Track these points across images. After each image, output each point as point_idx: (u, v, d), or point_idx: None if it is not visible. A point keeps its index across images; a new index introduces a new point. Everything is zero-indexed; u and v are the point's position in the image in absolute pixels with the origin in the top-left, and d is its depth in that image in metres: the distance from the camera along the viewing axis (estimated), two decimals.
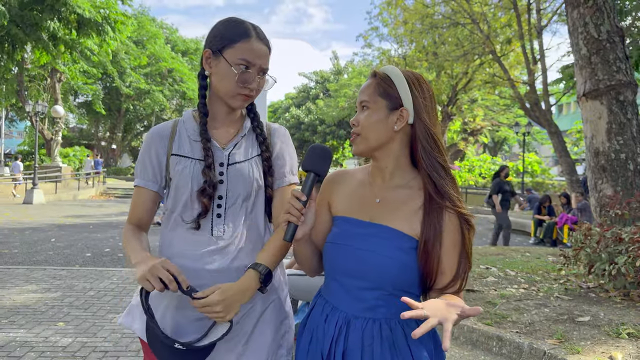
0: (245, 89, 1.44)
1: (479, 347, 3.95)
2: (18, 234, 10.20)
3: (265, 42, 1.47)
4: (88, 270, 6.82)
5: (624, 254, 4.63)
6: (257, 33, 1.46)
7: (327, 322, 1.36)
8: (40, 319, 4.54)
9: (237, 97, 1.45)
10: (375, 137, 1.33)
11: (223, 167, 1.47)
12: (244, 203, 1.48)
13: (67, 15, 17.46)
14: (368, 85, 1.36)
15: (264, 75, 1.48)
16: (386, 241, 1.29)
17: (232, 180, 1.47)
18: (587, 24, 5.94)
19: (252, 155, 1.52)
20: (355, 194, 1.41)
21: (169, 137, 1.52)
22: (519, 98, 14.74)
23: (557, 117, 38.42)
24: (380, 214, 1.33)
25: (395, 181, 1.36)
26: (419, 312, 1.02)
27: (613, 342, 3.62)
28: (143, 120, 42.26)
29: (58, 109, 22.04)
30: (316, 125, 39.38)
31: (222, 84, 1.45)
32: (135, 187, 1.55)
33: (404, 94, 1.32)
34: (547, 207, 12.44)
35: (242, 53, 1.42)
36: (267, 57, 1.47)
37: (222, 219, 1.47)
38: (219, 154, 1.49)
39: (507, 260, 6.95)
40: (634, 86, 5.87)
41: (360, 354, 1.29)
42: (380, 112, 1.32)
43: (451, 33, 18.50)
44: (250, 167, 1.49)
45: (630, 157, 5.72)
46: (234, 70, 1.41)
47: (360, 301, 1.31)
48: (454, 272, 1.28)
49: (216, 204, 1.46)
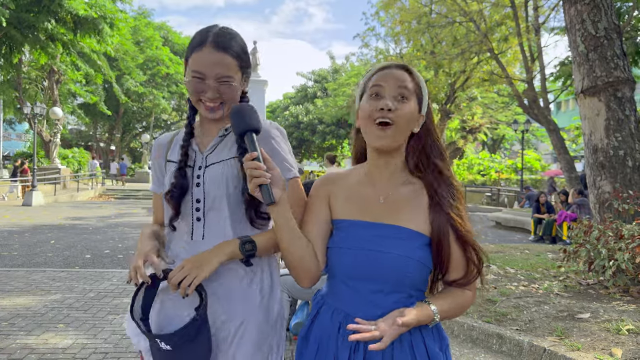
0: (204, 98, 1.42)
1: (479, 345, 3.95)
2: (17, 236, 10.19)
3: (225, 49, 1.40)
4: (88, 271, 6.81)
5: (623, 251, 4.63)
6: (214, 42, 1.40)
7: (341, 331, 1.30)
8: (40, 321, 4.54)
9: (200, 106, 1.45)
10: (406, 132, 1.31)
11: (200, 170, 1.47)
12: (221, 205, 1.43)
13: (64, 16, 17.45)
14: (404, 78, 1.30)
15: (229, 83, 1.41)
16: (402, 241, 1.26)
17: (207, 182, 1.45)
18: (585, 21, 5.95)
19: (229, 157, 1.47)
20: (355, 195, 1.36)
21: (166, 145, 1.58)
22: (518, 96, 14.74)
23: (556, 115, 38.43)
24: (386, 213, 1.31)
25: (399, 179, 1.34)
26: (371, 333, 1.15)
27: (613, 338, 3.63)
28: (142, 121, 42.21)
29: (56, 110, 22.01)
30: (315, 125, 39.36)
31: (188, 91, 1.48)
32: (153, 193, 1.63)
33: (425, 100, 1.34)
34: (545, 204, 12.45)
35: (194, 64, 1.41)
36: (227, 66, 1.40)
37: (202, 223, 1.45)
38: (199, 157, 1.49)
39: (506, 258, 6.95)
40: (632, 83, 5.88)
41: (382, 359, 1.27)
42: (414, 108, 1.30)
43: (448, 32, 18.50)
44: (223, 169, 1.45)
45: (629, 153, 5.73)
46: (189, 81, 1.43)
47: (376, 307, 1.26)
48: (461, 266, 1.29)
49: (194, 207, 1.45)
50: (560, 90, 15.05)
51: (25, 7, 16.92)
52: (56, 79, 24.04)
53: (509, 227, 14.30)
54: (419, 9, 19.09)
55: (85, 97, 28.30)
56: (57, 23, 17.49)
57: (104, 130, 42.54)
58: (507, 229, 14.14)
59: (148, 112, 39.30)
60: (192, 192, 1.45)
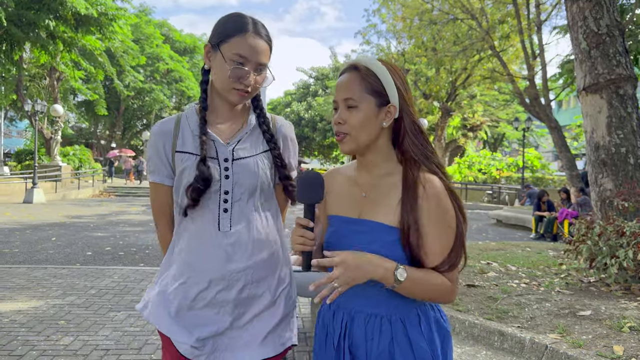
0: (239, 85, 1.42)
1: (481, 342, 3.94)
2: (19, 233, 10.20)
3: (265, 37, 1.44)
4: (89, 268, 6.82)
5: (625, 248, 4.63)
6: (255, 28, 1.43)
7: (334, 317, 1.38)
8: (42, 318, 4.54)
9: (232, 92, 1.44)
10: (365, 137, 1.30)
11: (228, 163, 1.47)
12: (250, 198, 1.48)
13: (65, 13, 17.43)
14: (351, 81, 1.30)
15: (263, 71, 1.45)
16: (371, 235, 1.28)
17: (238, 175, 1.46)
18: (587, 18, 5.93)
19: (259, 152, 1.51)
20: (344, 191, 1.41)
21: (172, 133, 1.51)
22: (519, 93, 14.71)
23: (557, 112, 38.42)
24: (367, 208, 1.34)
25: (379, 171, 1.35)
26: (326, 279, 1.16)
27: (615, 335, 3.62)
28: (142, 118, 42.22)
29: (57, 108, 22.00)
30: (316, 122, 39.37)
31: (217, 78, 1.45)
32: (151, 183, 1.54)
33: (390, 89, 1.29)
34: (546, 202, 12.44)
35: (237, 48, 1.40)
36: (265, 53, 1.44)
37: (229, 214, 1.46)
38: (223, 149, 1.48)
39: (508, 256, 6.95)
40: (634, 80, 5.86)
41: (365, 349, 1.31)
42: (368, 110, 1.28)
43: (450, 29, 18.48)
44: (256, 163, 1.48)
45: (631, 151, 5.71)
46: (227, 65, 1.40)
47: (362, 297, 1.32)
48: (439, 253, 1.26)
49: (222, 199, 1.46)
50: (562, 87, 15.01)
51: (26, 5, 16.91)
52: (57, 77, 24.04)
53: (510, 225, 14.29)
54: (421, 5, 19.05)
55: (87, 94, 28.30)
56: (58, 21, 17.47)
57: (105, 127, 42.55)
58: (508, 227, 14.13)
59: (149, 110, 39.30)
60: (220, 184, 1.46)
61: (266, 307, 1.50)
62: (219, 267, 1.44)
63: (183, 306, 1.46)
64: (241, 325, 1.47)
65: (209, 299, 1.45)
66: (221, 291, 1.44)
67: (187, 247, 1.47)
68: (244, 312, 1.47)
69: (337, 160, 44.62)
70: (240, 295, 1.46)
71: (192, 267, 1.46)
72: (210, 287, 1.44)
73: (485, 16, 16.42)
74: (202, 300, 1.45)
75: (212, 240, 1.45)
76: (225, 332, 1.46)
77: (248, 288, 1.46)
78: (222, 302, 1.45)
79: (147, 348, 3.88)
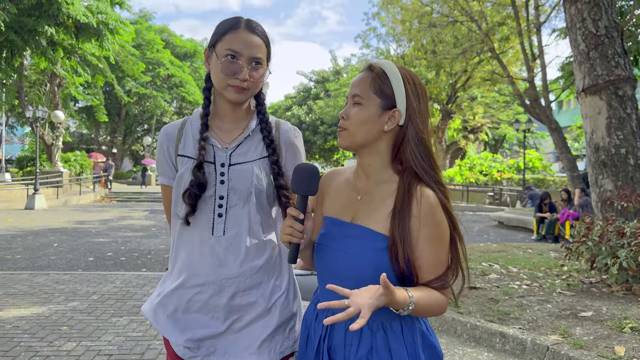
0: (234, 80, 1.42)
1: (482, 344, 3.95)
2: (21, 240, 10.22)
3: (259, 33, 1.45)
4: (91, 274, 6.83)
5: (625, 248, 4.63)
6: (247, 24, 1.45)
7: (317, 320, 1.37)
8: (44, 324, 4.55)
9: (228, 89, 1.44)
10: (363, 135, 1.30)
11: (224, 168, 1.47)
12: (246, 204, 1.47)
13: (65, 20, 17.48)
14: (363, 79, 1.31)
15: (258, 66, 1.44)
16: (359, 241, 1.27)
17: (234, 180, 1.46)
18: (585, 19, 5.95)
19: (257, 157, 1.50)
20: (341, 193, 1.40)
21: (176, 136, 1.53)
22: (519, 95, 14.73)
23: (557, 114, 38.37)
24: (361, 212, 1.32)
25: (377, 178, 1.33)
26: (346, 312, 1.05)
27: (616, 336, 3.63)
28: (143, 123, 42.29)
29: (58, 114, 22.07)
30: (317, 125, 39.39)
31: (214, 78, 1.46)
32: (161, 186, 1.57)
33: (399, 94, 1.28)
34: (548, 204, 12.43)
35: (229, 44, 1.41)
36: (259, 48, 1.44)
37: (223, 219, 1.47)
38: (220, 154, 1.48)
39: (509, 257, 6.95)
40: (633, 81, 5.87)
41: (343, 354, 1.29)
42: (372, 110, 1.28)
43: (449, 31, 18.52)
44: (252, 169, 1.48)
45: (631, 151, 5.73)
46: (219, 61, 1.42)
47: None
48: (432, 268, 1.24)
49: (217, 204, 1.47)
50: (562, 89, 15.03)
51: (26, 12, 16.95)
52: (58, 83, 24.10)
53: (511, 227, 14.28)
54: (420, 8, 19.10)
55: (87, 100, 28.35)
56: (58, 28, 17.51)
57: (106, 133, 42.62)
58: (509, 229, 14.12)
59: (149, 115, 39.37)
60: (215, 189, 1.46)
61: (260, 315, 1.49)
62: (211, 272, 1.46)
63: (179, 308, 1.49)
64: (237, 330, 1.48)
65: (202, 302, 1.47)
66: (214, 295, 1.46)
67: (184, 251, 1.50)
68: (238, 317, 1.48)
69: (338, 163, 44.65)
70: (232, 302, 1.46)
71: (187, 270, 1.48)
72: (203, 290, 1.46)
73: (485, 18, 16.46)
74: (197, 303, 1.47)
75: (206, 245, 1.46)
76: (221, 336, 1.48)
77: (240, 295, 1.47)
78: (215, 307, 1.46)
79: (150, 353, 3.88)
